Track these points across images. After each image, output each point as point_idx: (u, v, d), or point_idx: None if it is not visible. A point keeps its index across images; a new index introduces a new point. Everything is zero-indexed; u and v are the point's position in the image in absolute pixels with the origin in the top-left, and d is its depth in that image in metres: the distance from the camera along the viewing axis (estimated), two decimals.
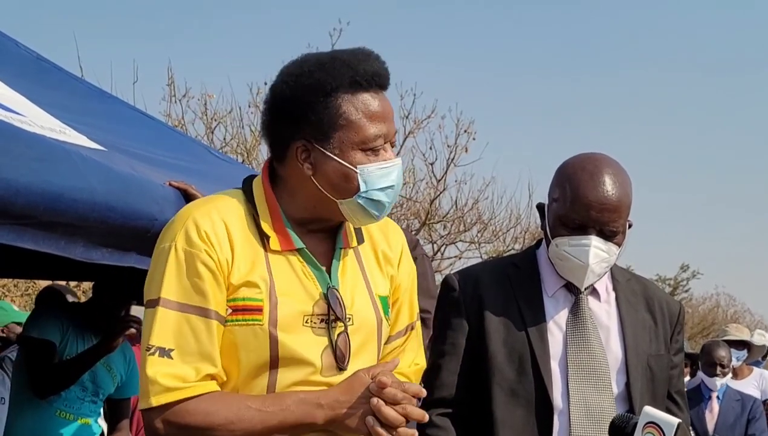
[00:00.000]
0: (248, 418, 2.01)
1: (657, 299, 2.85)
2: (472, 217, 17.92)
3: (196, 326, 2.02)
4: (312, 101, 2.09)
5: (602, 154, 2.71)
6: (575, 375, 2.64)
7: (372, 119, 2.10)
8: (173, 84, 14.67)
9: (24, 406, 4.18)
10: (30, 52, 4.16)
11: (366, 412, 2.03)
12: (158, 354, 2.00)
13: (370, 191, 2.10)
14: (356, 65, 2.10)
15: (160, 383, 1.99)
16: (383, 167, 2.12)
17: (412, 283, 2.38)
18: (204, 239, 2.05)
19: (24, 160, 2.31)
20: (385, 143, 2.13)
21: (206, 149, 5.05)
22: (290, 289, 2.11)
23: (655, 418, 2.39)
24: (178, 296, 2.03)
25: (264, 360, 2.06)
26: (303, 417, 2.03)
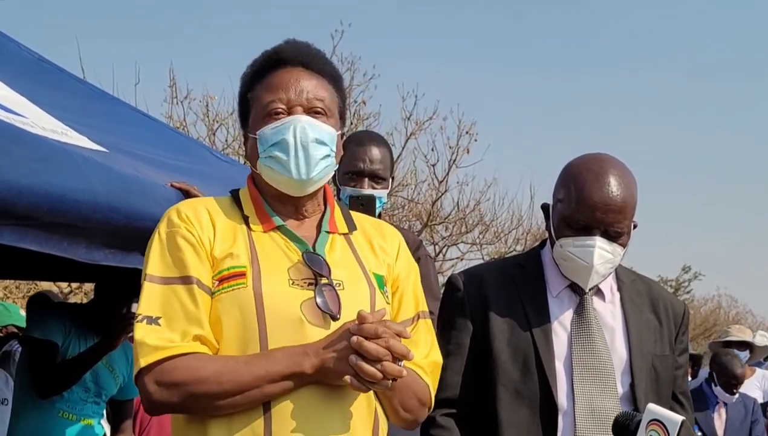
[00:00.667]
0: (236, 369, 2.03)
1: (662, 300, 2.85)
2: (473, 218, 17.92)
3: (181, 294, 2.10)
4: (239, 97, 2.36)
5: (607, 155, 2.71)
6: (580, 376, 2.63)
7: (269, 90, 2.25)
8: (175, 85, 14.68)
9: (27, 407, 4.17)
10: (31, 53, 4.15)
11: (351, 354, 2.02)
12: (146, 322, 2.09)
13: (266, 150, 2.22)
14: (265, 52, 2.33)
15: (148, 344, 2.06)
16: (275, 126, 2.22)
17: (414, 275, 2.38)
18: (183, 218, 2.18)
19: (26, 161, 2.31)
20: (291, 108, 2.23)
21: (208, 150, 5.04)
22: (273, 258, 2.17)
23: (659, 415, 2.39)
24: (162, 271, 2.13)
25: (252, 320, 2.09)
26: (290, 366, 2.04)
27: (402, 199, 16.64)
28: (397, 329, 2.06)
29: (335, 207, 2.35)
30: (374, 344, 2.01)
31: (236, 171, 4.62)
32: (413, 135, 16.24)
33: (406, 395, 2.22)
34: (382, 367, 2.01)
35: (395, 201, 16.27)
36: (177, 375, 2.03)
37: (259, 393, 2.04)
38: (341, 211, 2.36)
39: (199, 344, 2.08)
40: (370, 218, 2.48)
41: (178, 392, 2.04)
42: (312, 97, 2.25)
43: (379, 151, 3.50)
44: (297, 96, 2.24)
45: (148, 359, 2.05)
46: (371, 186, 3.45)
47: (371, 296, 2.21)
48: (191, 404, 2.07)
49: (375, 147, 3.52)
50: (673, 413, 2.43)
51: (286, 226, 2.23)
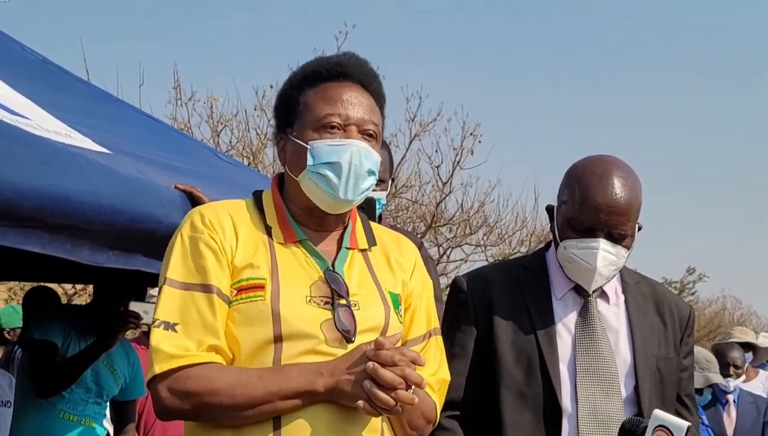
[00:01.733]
0: (250, 383, 2.04)
1: (667, 302, 2.84)
2: (477, 220, 17.89)
3: (199, 302, 2.10)
4: (283, 97, 2.33)
5: (612, 157, 2.70)
6: (584, 378, 2.62)
7: (327, 101, 2.23)
8: (179, 87, 14.65)
9: (28, 408, 4.17)
10: (35, 55, 4.16)
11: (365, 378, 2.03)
12: (163, 327, 2.08)
13: (317, 165, 2.19)
14: (324, 59, 2.31)
15: (164, 351, 2.05)
16: (332, 145, 2.20)
17: (428, 292, 2.39)
18: (207, 224, 2.17)
19: (30, 163, 2.31)
20: (345, 126, 2.22)
21: (212, 152, 5.04)
22: (293, 272, 2.17)
23: (665, 421, 2.38)
24: (183, 276, 2.13)
25: (268, 334, 2.09)
26: (304, 384, 2.04)
27: (406, 201, 16.62)
28: (413, 356, 2.07)
29: (357, 221, 2.35)
30: (390, 372, 2.01)
31: (240, 173, 4.62)
32: (417, 136, 16.22)
33: (415, 415, 2.23)
34: (396, 395, 2.01)
35: (399, 203, 16.26)
36: (191, 385, 2.04)
37: (270, 408, 2.05)
38: (362, 224, 2.37)
39: (215, 354, 2.08)
40: (389, 231, 2.48)
41: (190, 401, 2.04)
42: (368, 118, 2.25)
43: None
44: (354, 115, 2.23)
45: (163, 366, 2.05)
46: None
47: (386, 317, 2.22)
48: (202, 414, 2.07)
49: None
50: (679, 419, 2.42)
51: (308, 241, 2.23)
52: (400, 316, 2.28)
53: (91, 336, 4.27)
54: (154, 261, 2.90)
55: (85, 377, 4.25)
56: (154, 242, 2.81)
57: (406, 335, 2.31)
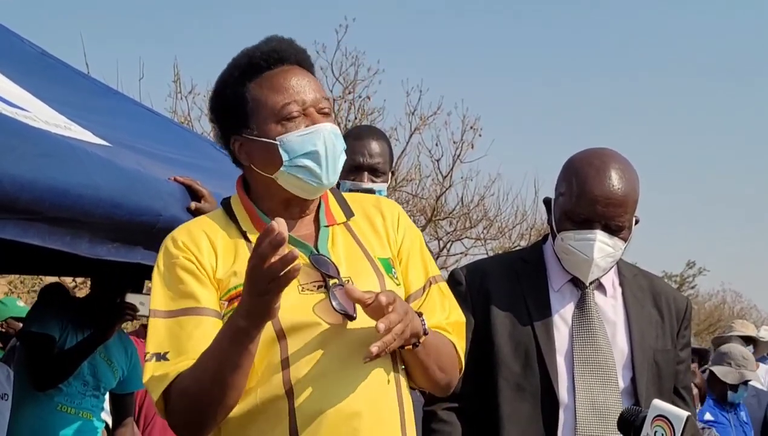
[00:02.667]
0: (202, 362, 2.01)
1: (664, 295, 2.85)
2: (478, 213, 17.91)
3: (186, 326, 2.07)
4: (225, 97, 2.22)
5: (609, 149, 2.72)
6: (581, 370, 2.64)
7: (278, 91, 2.16)
8: (179, 80, 14.68)
9: (25, 401, 4.18)
10: (35, 47, 4.15)
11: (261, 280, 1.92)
12: (155, 359, 2.06)
13: (294, 159, 2.15)
14: (252, 51, 2.22)
15: (155, 377, 2.04)
16: (302, 134, 2.15)
17: (418, 240, 2.35)
18: (180, 247, 2.14)
19: (29, 156, 2.31)
20: (305, 111, 2.17)
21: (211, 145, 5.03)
22: None
23: (664, 411, 2.39)
24: (166, 305, 2.10)
25: (270, 335, 2.06)
26: (230, 328, 1.98)
27: (406, 195, 16.63)
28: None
29: (329, 197, 2.31)
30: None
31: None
32: (417, 130, 16.25)
33: (442, 354, 2.21)
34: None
35: (399, 196, 16.27)
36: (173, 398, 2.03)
37: (226, 368, 1.99)
38: (335, 198, 2.32)
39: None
40: (368, 196, 2.46)
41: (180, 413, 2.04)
42: (320, 97, 2.20)
43: (378, 145, 3.50)
44: (309, 97, 2.17)
45: (157, 392, 2.03)
46: (371, 180, 3.44)
47: (381, 286, 2.18)
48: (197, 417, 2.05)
49: (374, 141, 3.52)
50: (678, 408, 2.43)
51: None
52: (395, 279, 2.24)
53: (89, 329, 4.28)
54: (154, 254, 2.88)
55: (83, 370, 4.25)
56: (154, 235, 2.81)
57: (407, 291, 2.27)
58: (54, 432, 4.21)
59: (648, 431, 2.40)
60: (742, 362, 6.29)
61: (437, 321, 2.25)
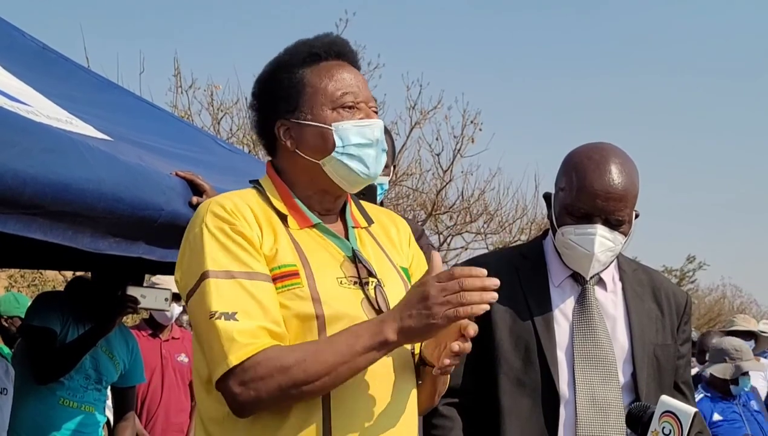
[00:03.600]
0: (319, 352, 1.99)
1: (664, 289, 2.85)
2: (478, 208, 17.89)
3: (249, 289, 2.03)
4: (278, 80, 2.23)
5: (609, 144, 2.72)
6: (581, 365, 2.64)
7: (336, 81, 2.19)
8: (179, 75, 14.65)
9: (28, 395, 4.18)
10: (36, 42, 4.15)
11: (426, 311, 1.96)
12: (224, 318, 2.00)
13: (347, 147, 2.16)
14: (313, 41, 2.24)
15: (237, 341, 1.98)
16: (359, 125, 2.18)
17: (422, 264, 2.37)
18: (232, 213, 2.09)
19: (31, 151, 2.31)
20: (358, 103, 2.19)
21: (212, 139, 5.04)
22: (318, 256, 2.14)
23: (672, 407, 2.40)
24: (226, 266, 2.04)
25: (311, 321, 2.06)
26: (372, 337, 1.99)
27: (406, 189, 16.62)
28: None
29: (350, 201, 2.33)
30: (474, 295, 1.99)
31: (241, 160, 4.62)
32: (418, 124, 16.22)
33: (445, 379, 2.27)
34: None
35: (400, 190, 16.27)
36: (261, 370, 1.97)
37: (346, 369, 2.00)
38: (354, 203, 2.35)
39: (278, 341, 2.03)
40: (380, 208, 2.48)
41: (265, 386, 1.98)
42: (370, 96, 2.23)
43: None
44: (364, 93, 2.21)
45: (240, 355, 1.97)
46: None
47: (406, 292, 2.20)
48: (279, 396, 2.00)
49: None
50: (686, 405, 2.44)
51: (322, 224, 2.19)
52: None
53: (90, 323, 4.27)
54: (155, 248, 2.91)
55: (85, 364, 4.26)
56: (155, 230, 2.82)
57: None
58: (56, 426, 4.22)
59: (656, 427, 2.41)
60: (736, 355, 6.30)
61: None
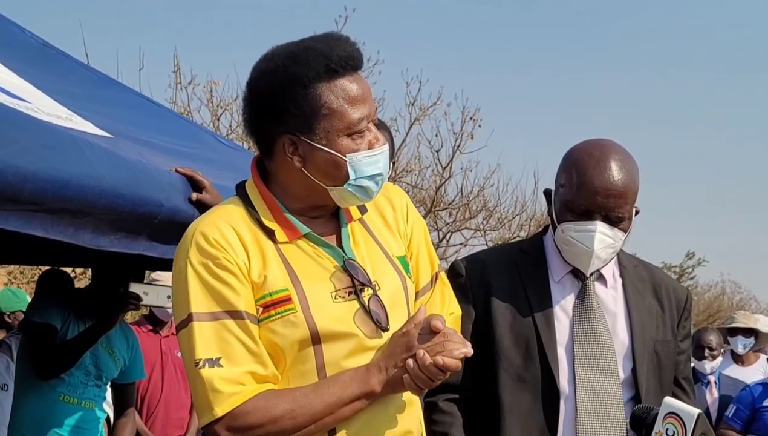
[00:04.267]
0: (307, 402, 2.02)
1: (664, 285, 2.85)
2: (477, 204, 17.93)
3: (234, 330, 2.03)
4: (292, 95, 2.09)
5: (609, 141, 2.72)
6: (582, 361, 2.64)
7: (353, 103, 2.10)
8: (179, 71, 14.66)
9: (28, 391, 4.20)
10: (36, 38, 4.14)
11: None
12: (208, 366, 2.00)
13: (359, 179, 2.12)
14: (329, 52, 2.09)
15: (222, 391, 1.99)
16: (371, 155, 2.13)
17: (423, 230, 2.37)
18: (215, 245, 2.06)
19: (32, 147, 2.31)
20: (368, 124, 2.14)
21: (212, 136, 5.03)
22: (309, 272, 2.12)
23: (676, 408, 2.40)
24: (209, 307, 2.03)
25: (306, 345, 2.06)
26: (360, 387, 2.04)
27: (406, 185, 16.62)
28: (462, 339, 2.09)
29: None
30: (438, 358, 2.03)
31: (241, 156, 4.61)
32: (417, 121, 16.25)
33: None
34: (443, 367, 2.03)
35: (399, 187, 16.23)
36: (251, 419, 2.00)
37: (331, 420, 2.05)
38: None
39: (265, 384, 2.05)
40: None
41: (253, 434, 2.01)
42: (375, 109, 2.17)
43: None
44: (371, 110, 2.14)
45: (225, 407, 1.99)
46: None
47: (404, 290, 2.22)
48: None
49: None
50: (690, 406, 2.44)
51: (312, 233, 2.16)
52: (410, 275, 2.28)
53: (90, 319, 4.28)
54: (156, 245, 2.91)
55: (85, 360, 4.26)
56: (156, 226, 2.82)
57: (417, 285, 2.30)
58: (57, 422, 4.23)
59: (660, 429, 2.41)
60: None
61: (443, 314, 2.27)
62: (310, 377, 2.08)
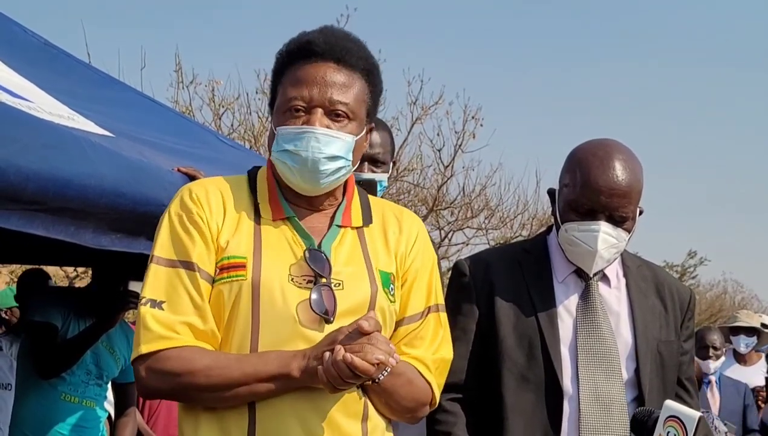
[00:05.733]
0: (227, 365, 2.05)
1: (668, 286, 2.85)
2: (479, 203, 17.88)
3: (185, 281, 2.11)
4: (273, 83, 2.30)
5: (613, 140, 2.71)
6: (585, 361, 2.64)
7: (294, 84, 2.20)
8: (181, 70, 14.64)
9: (29, 390, 4.20)
10: (38, 38, 4.15)
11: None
12: (150, 305, 2.09)
13: (278, 152, 2.19)
14: (299, 39, 2.25)
15: (152, 331, 2.07)
16: (292, 131, 2.17)
17: (431, 266, 2.34)
18: (195, 200, 2.17)
19: (34, 147, 2.32)
20: (311, 108, 2.18)
21: (214, 135, 5.04)
22: (276, 251, 2.16)
23: (677, 412, 2.39)
24: (169, 253, 2.14)
25: (246, 313, 2.09)
26: (278, 367, 2.04)
27: (407, 184, 16.61)
28: (388, 348, 2.02)
29: (354, 198, 2.31)
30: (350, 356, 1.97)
31: (243, 156, 4.62)
32: (419, 120, 16.21)
33: (399, 396, 2.19)
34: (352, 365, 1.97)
35: (401, 186, 16.26)
36: (169, 365, 2.06)
37: (246, 391, 2.05)
38: (360, 201, 2.32)
39: (200, 340, 2.09)
40: (393, 206, 2.43)
41: (168, 380, 2.07)
42: (336, 99, 2.18)
43: (378, 135, 3.47)
44: (320, 95, 2.17)
45: (150, 346, 2.07)
46: (371, 170, 3.43)
47: (372, 296, 2.18)
48: (179, 393, 2.11)
49: (374, 131, 3.50)
50: (690, 409, 2.43)
51: (295, 218, 2.21)
52: (391, 295, 2.23)
53: (91, 318, 4.29)
54: None
55: (86, 359, 4.26)
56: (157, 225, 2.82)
57: (402, 312, 2.27)
58: (58, 421, 4.22)
59: (660, 432, 2.41)
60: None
61: (421, 355, 2.25)
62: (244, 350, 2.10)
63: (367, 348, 1.98)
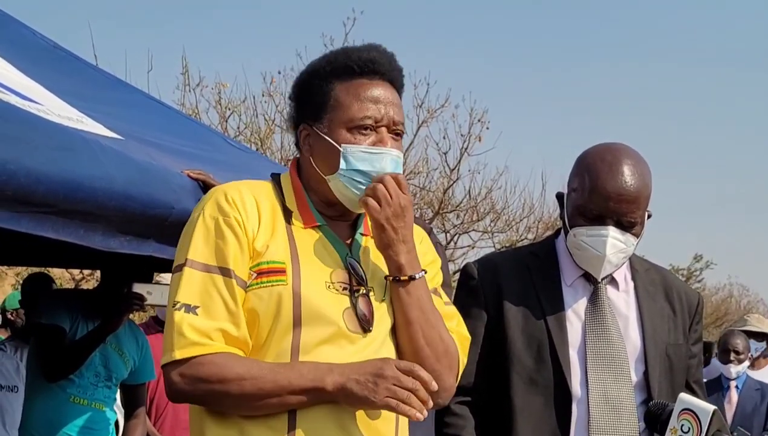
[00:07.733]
0: (260, 375, 2.04)
1: (676, 289, 2.85)
2: (485, 206, 17.86)
3: (221, 286, 2.09)
4: (310, 86, 2.26)
5: (622, 145, 2.71)
6: (594, 364, 2.64)
7: (359, 100, 2.19)
8: (187, 73, 14.66)
9: (38, 393, 4.20)
10: (47, 40, 4.16)
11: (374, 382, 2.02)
12: (184, 310, 2.07)
13: (349, 171, 2.17)
14: (353, 53, 2.24)
15: (187, 337, 2.05)
16: (367, 151, 2.17)
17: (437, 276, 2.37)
18: (231, 204, 2.14)
19: (44, 149, 2.32)
20: (379, 127, 2.19)
21: (221, 138, 5.05)
22: (312, 256, 2.17)
23: (691, 405, 2.39)
24: (205, 258, 2.11)
25: (288, 319, 2.09)
26: (313, 381, 2.04)
27: (413, 187, 16.57)
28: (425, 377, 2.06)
29: None
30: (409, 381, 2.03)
31: (250, 158, 4.63)
32: (425, 123, 16.21)
33: (432, 327, 2.22)
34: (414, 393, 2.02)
35: None
36: (203, 371, 2.05)
37: (277, 402, 2.05)
38: None
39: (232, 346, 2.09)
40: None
41: (200, 387, 2.06)
42: (397, 119, 2.21)
43: None
44: (387, 115, 2.19)
45: (185, 352, 2.05)
46: None
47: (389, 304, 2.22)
48: (210, 400, 2.09)
49: None
50: (705, 402, 2.43)
51: (326, 226, 2.22)
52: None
53: (98, 320, 4.29)
54: (166, 247, 2.92)
55: (95, 361, 4.27)
56: (166, 228, 2.83)
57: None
58: (67, 423, 4.23)
59: (675, 425, 2.40)
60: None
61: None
62: (284, 357, 2.09)
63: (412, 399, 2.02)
